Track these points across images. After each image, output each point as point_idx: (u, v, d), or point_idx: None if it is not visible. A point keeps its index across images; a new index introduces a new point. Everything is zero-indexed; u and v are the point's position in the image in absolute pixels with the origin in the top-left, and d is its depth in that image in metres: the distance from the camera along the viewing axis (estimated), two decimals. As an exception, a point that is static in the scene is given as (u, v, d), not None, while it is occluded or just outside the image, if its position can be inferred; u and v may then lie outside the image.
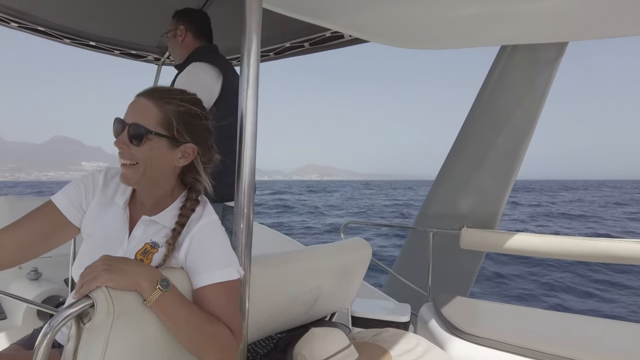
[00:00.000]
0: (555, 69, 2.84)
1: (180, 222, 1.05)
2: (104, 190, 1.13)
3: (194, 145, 1.06)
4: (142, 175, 1.03)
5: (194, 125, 1.07)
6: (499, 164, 3.01)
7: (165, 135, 1.02)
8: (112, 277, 0.84)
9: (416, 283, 2.87)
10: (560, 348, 1.55)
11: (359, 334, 1.51)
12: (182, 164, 1.07)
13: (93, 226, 1.11)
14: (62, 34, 2.57)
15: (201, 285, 0.99)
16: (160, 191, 1.10)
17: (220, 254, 1.04)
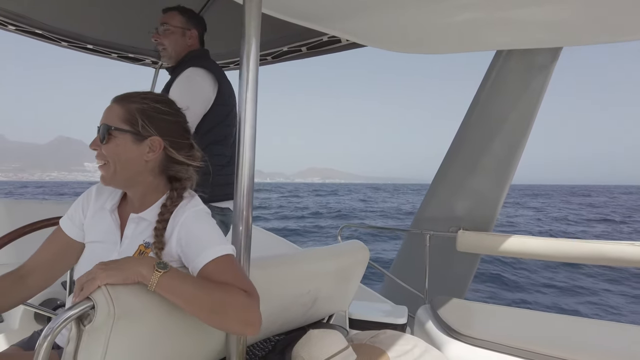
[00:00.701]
0: (550, 73, 2.88)
1: (161, 219, 1.07)
2: (97, 200, 1.21)
3: (159, 138, 1.10)
4: (114, 173, 1.09)
5: (157, 119, 1.11)
6: (495, 167, 3.04)
7: (128, 130, 1.08)
8: (110, 273, 0.85)
9: (413, 285, 2.88)
10: (556, 349, 1.56)
11: (357, 336, 1.52)
12: (151, 157, 1.10)
13: (90, 235, 1.19)
14: (59, 37, 2.58)
15: (200, 266, 1.00)
16: (143, 188, 1.14)
17: (211, 234, 1.06)
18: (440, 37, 1.63)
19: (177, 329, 1.00)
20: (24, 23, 2.36)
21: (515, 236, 2.55)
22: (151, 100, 1.13)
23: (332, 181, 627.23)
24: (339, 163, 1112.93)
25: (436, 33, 1.57)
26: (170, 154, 1.12)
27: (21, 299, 1.16)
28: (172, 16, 1.91)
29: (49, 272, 1.19)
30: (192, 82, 1.77)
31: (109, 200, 1.19)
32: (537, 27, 1.48)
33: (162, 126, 1.11)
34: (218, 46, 2.71)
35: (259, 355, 1.41)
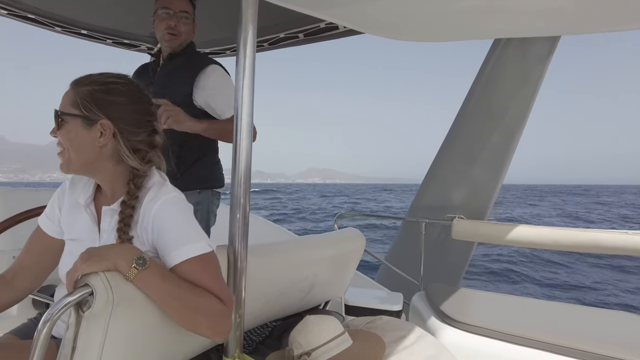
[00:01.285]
0: (548, 62, 2.87)
1: (122, 217, 1.02)
2: (71, 194, 1.17)
3: (107, 121, 1.02)
4: (69, 160, 1.04)
5: (107, 102, 1.03)
6: (491, 156, 3.05)
7: (77, 115, 1.02)
8: (89, 263, 0.86)
9: (409, 273, 2.91)
10: (549, 336, 1.59)
11: (353, 322, 1.54)
12: (103, 142, 1.03)
13: (68, 232, 1.16)
14: (53, 21, 2.53)
15: (174, 263, 0.97)
16: (106, 176, 1.09)
17: (184, 229, 1.01)
18: (439, 25, 1.62)
19: None
20: (17, 7, 2.32)
21: (510, 225, 2.57)
22: (103, 82, 1.06)
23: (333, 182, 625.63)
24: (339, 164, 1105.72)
25: (434, 20, 1.56)
26: (123, 139, 1.05)
27: (11, 303, 1.15)
28: (188, 5, 1.89)
29: (35, 273, 1.17)
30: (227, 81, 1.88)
31: (82, 193, 1.14)
32: (536, 15, 1.47)
33: (112, 109, 1.04)
34: (214, 32, 2.68)
35: (257, 341, 1.43)
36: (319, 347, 1.20)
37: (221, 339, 1.01)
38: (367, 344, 1.27)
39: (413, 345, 1.33)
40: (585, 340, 1.56)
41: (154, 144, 1.11)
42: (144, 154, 1.09)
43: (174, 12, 1.85)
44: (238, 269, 1.13)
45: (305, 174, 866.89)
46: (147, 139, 1.10)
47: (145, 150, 1.09)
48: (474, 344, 1.69)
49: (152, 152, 1.11)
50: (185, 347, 1.09)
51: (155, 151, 1.12)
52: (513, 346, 1.62)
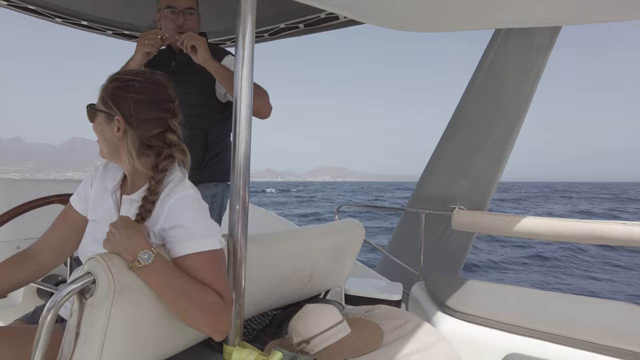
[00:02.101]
0: (549, 53, 2.86)
1: (141, 211, 1.04)
2: (102, 178, 1.22)
3: (121, 118, 1.07)
4: (100, 149, 1.14)
5: (123, 99, 1.08)
6: (491, 147, 3.05)
7: (102, 110, 1.10)
8: (105, 242, 0.95)
9: (408, 263, 2.93)
10: (548, 325, 1.61)
11: (352, 310, 1.56)
12: (118, 137, 1.08)
13: (93, 212, 1.20)
14: (53, 12, 2.52)
15: (181, 254, 0.99)
16: (127, 168, 1.13)
17: (198, 225, 1.04)
18: (439, 15, 1.61)
19: None
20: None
21: (510, 215, 2.58)
22: (124, 79, 1.10)
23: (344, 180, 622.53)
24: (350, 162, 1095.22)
25: (435, 10, 1.55)
26: (136, 135, 1.08)
27: (33, 278, 1.19)
28: (193, 1, 1.87)
29: (59, 250, 1.21)
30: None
31: (111, 180, 1.19)
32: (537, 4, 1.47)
33: (126, 105, 1.07)
34: (213, 23, 2.67)
35: (257, 329, 1.45)
36: (318, 335, 1.22)
37: (220, 337, 1.03)
38: (365, 332, 1.29)
39: (411, 334, 1.34)
40: (584, 329, 1.58)
41: (169, 141, 1.12)
42: (159, 150, 1.11)
43: (180, 10, 1.82)
44: (238, 258, 1.14)
45: (316, 172, 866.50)
46: (161, 136, 1.11)
47: (160, 146, 1.11)
48: (473, 333, 1.71)
49: (171, 149, 1.12)
50: (187, 334, 1.11)
51: (174, 148, 1.12)
52: (511, 335, 1.63)
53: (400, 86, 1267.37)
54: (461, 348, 1.47)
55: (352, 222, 1.81)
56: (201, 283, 0.98)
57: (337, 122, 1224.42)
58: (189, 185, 1.11)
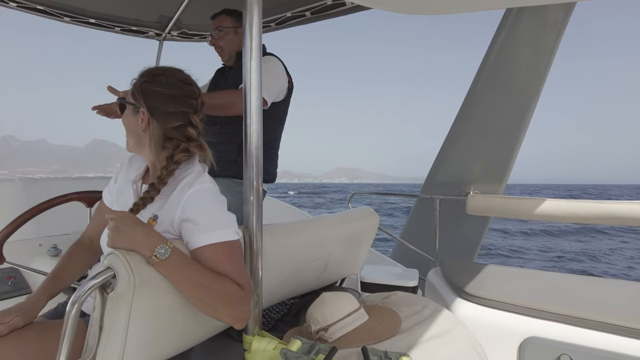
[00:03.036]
0: (563, 31, 2.78)
1: (146, 195, 1.07)
2: (127, 170, 1.28)
3: (145, 110, 1.12)
4: (127, 141, 1.20)
5: (149, 92, 1.12)
6: (505, 130, 3.00)
7: (130, 102, 1.16)
8: (117, 237, 0.93)
9: (424, 249, 2.92)
10: (565, 307, 1.59)
11: (369, 298, 1.57)
12: (142, 128, 1.13)
13: (115, 201, 1.27)
14: (61, 12, 2.55)
15: (199, 245, 1.01)
16: (150, 159, 1.17)
17: (214, 216, 1.06)
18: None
19: None
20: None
21: (525, 198, 2.55)
22: (152, 74, 1.15)
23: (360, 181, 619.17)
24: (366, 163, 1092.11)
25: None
26: (158, 127, 1.12)
27: (93, 263, 1.31)
28: (223, 19, 2.09)
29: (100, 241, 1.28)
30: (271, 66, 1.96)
31: (134, 171, 1.24)
32: None
33: (151, 98, 1.12)
34: None
35: (275, 318, 1.47)
36: (336, 323, 1.23)
37: (241, 325, 1.04)
38: (382, 319, 1.30)
39: (429, 320, 1.34)
40: (603, 311, 1.56)
41: (189, 136, 1.14)
42: (177, 143, 1.14)
43: (211, 32, 2.11)
44: (254, 249, 1.15)
45: (333, 173, 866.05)
46: (181, 129, 1.14)
47: (180, 139, 1.14)
48: (490, 318, 1.70)
49: (189, 143, 1.14)
50: (207, 325, 1.13)
51: (192, 143, 1.14)
52: (529, 319, 1.62)
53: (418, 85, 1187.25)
54: (479, 333, 1.47)
55: (366, 210, 1.81)
56: (219, 274, 0.99)
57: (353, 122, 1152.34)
58: (208, 178, 1.13)
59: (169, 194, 1.09)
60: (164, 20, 2.90)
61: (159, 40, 3.16)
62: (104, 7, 2.63)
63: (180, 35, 3.09)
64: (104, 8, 2.63)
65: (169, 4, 2.58)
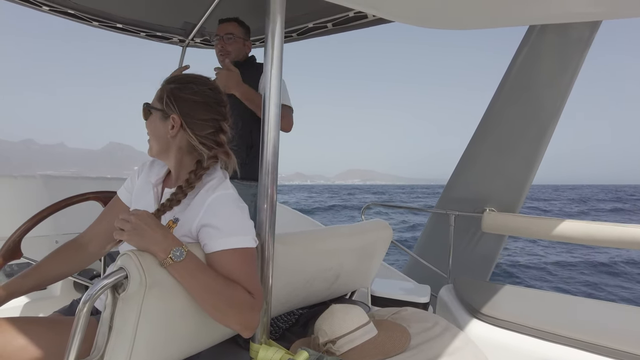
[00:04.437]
0: (588, 48, 2.74)
1: (173, 198, 1.08)
2: (148, 172, 1.29)
3: (177, 116, 1.13)
4: (151, 146, 1.19)
5: (182, 98, 1.14)
6: (524, 147, 2.96)
7: (157, 108, 1.16)
8: (133, 236, 0.94)
9: (437, 265, 2.88)
10: (581, 333, 1.55)
11: (379, 312, 1.55)
12: (173, 134, 1.14)
13: (134, 203, 1.27)
14: (90, 16, 2.63)
15: (217, 249, 1.02)
16: (175, 164, 1.18)
17: (234, 223, 1.07)
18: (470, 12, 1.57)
19: None
20: (57, 3, 2.42)
21: (543, 218, 2.50)
22: (183, 81, 1.17)
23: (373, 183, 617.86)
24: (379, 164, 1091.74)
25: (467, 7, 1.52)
26: (188, 133, 1.13)
27: (83, 265, 1.27)
28: (235, 27, 2.20)
29: (106, 240, 1.28)
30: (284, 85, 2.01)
31: (155, 174, 1.26)
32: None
33: (184, 105, 1.13)
34: None
35: (283, 328, 1.46)
36: (344, 336, 1.21)
37: (249, 333, 1.04)
38: (392, 334, 1.28)
39: (439, 338, 1.32)
40: (620, 338, 1.51)
41: (219, 142, 1.17)
42: (208, 149, 1.16)
43: (221, 36, 2.19)
44: (265, 256, 1.15)
45: (345, 175, 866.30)
46: (213, 136, 1.16)
47: (210, 145, 1.16)
48: (502, 339, 1.66)
49: (218, 149, 1.16)
50: (215, 331, 1.13)
51: (221, 149, 1.17)
52: (542, 342, 1.58)
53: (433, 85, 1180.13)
54: (490, 354, 1.43)
55: (379, 223, 1.79)
56: (231, 281, 0.99)
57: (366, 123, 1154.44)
58: (230, 185, 1.15)
59: (191, 198, 1.10)
60: (188, 27, 2.96)
61: (182, 46, 3.22)
62: (131, 13, 2.70)
63: (203, 42, 3.16)
64: (130, 14, 2.70)
65: (194, 12, 2.64)
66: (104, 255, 1.31)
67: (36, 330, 1.04)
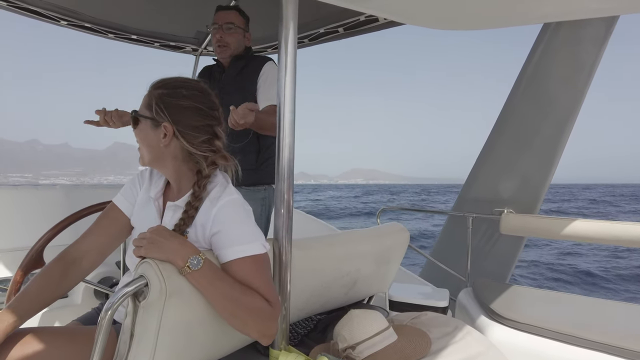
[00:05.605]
0: (604, 45, 2.68)
1: (185, 216, 1.07)
2: (148, 185, 1.24)
3: (169, 124, 1.08)
4: (142, 155, 1.14)
5: (172, 105, 1.08)
6: (542, 147, 2.91)
7: (147, 117, 1.10)
8: (150, 248, 0.94)
9: (455, 268, 2.84)
10: (604, 335, 1.51)
11: (398, 317, 1.53)
12: (165, 143, 1.09)
13: (136, 219, 1.23)
14: (106, 29, 2.69)
15: (228, 259, 1.01)
16: (172, 173, 1.15)
17: (244, 229, 1.06)
18: (484, 11, 1.56)
19: None
20: (75, 17, 2.48)
21: (563, 219, 2.44)
22: (172, 86, 1.11)
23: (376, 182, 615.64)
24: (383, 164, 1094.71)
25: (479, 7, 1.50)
26: (182, 142, 1.09)
27: (77, 281, 1.19)
28: (236, 16, 2.01)
29: (102, 252, 1.21)
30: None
31: (154, 187, 1.21)
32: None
33: (175, 112, 1.08)
34: (256, 31, 2.73)
35: (302, 334, 1.45)
36: (364, 341, 1.20)
37: (268, 341, 1.04)
38: (412, 340, 1.26)
39: (460, 342, 1.30)
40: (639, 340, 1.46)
41: (215, 148, 1.13)
42: (205, 157, 1.12)
43: (220, 25, 1.98)
44: (283, 262, 1.15)
45: (348, 174, 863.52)
46: (208, 143, 1.12)
47: (206, 153, 1.12)
48: (524, 342, 1.63)
49: (216, 155, 1.13)
50: (235, 338, 1.13)
51: (217, 154, 1.13)
52: (565, 345, 1.55)
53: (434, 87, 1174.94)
54: (512, 357, 1.41)
55: (396, 226, 1.78)
56: (249, 288, 0.99)
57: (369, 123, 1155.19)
58: (234, 190, 1.12)
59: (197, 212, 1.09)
60: (201, 36, 3.00)
61: (195, 55, 3.27)
62: (145, 24, 2.75)
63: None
64: (145, 25, 2.76)
65: (206, 21, 2.68)
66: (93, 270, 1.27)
67: (57, 341, 1.05)
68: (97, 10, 2.49)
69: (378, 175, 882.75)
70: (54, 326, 1.30)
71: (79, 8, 2.42)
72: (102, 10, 2.51)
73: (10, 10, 2.36)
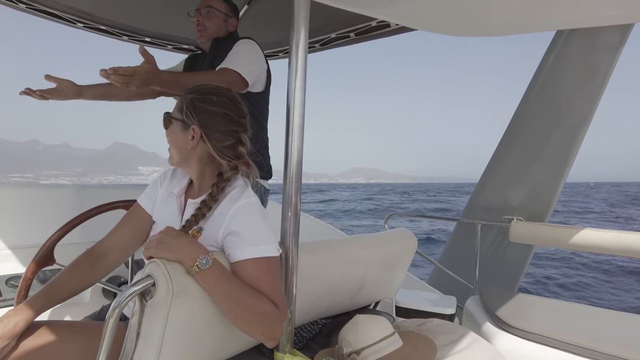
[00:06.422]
0: (618, 53, 2.65)
1: (198, 212, 1.10)
2: (171, 181, 1.29)
3: (197, 127, 1.13)
4: (171, 155, 1.20)
5: (201, 109, 1.14)
6: (553, 155, 2.88)
7: (178, 119, 1.17)
8: (159, 249, 0.96)
9: (463, 276, 2.82)
10: (613, 347, 1.49)
11: (403, 323, 1.52)
12: (192, 145, 1.14)
13: (157, 215, 1.28)
14: (121, 31, 2.73)
15: (242, 258, 1.03)
16: (197, 174, 1.19)
17: (259, 231, 1.08)
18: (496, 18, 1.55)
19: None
20: (91, 20, 2.53)
21: (573, 227, 2.41)
22: (203, 92, 1.17)
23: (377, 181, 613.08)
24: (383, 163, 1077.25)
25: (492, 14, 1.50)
26: (207, 145, 1.13)
27: (101, 276, 1.26)
28: (216, 2, 1.95)
29: (126, 250, 1.28)
30: (251, 46, 1.85)
31: (177, 185, 1.26)
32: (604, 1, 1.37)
33: (204, 117, 1.14)
34: (267, 36, 2.75)
35: (307, 337, 1.45)
36: (369, 347, 1.20)
37: (273, 344, 1.04)
38: (418, 346, 1.25)
39: (466, 350, 1.29)
40: None
41: (238, 154, 1.17)
42: (228, 161, 1.16)
43: (199, 8, 1.94)
44: (289, 265, 1.15)
45: (349, 173, 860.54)
46: (232, 148, 1.16)
47: (230, 157, 1.16)
48: (531, 352, 1.61)
49: (238, 161, 1.16)
50: (240, 339, 1.14)
51: (240, 160, 1.16)
52: (572, 356, 1.53)
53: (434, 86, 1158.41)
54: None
55: (403, 232, 1.77)
56: (256, 291, 1.00)
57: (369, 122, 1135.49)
58: (252, 193, 1.16)
59: (214, 207, 1.12)
60: None
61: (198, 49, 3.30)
62: (158, 27, 2.79)
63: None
64: (158, 28, 2.79)
65: None
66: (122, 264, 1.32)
67: (72, 334, 1.07)
68: (112, 13, 2.53)
69: (379, 174, 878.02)
70: (69, 320, 1.32)
71: (95, 11, 2.47)
72: (117, 13, 2.55)
73: (29, 13, 2.41)
